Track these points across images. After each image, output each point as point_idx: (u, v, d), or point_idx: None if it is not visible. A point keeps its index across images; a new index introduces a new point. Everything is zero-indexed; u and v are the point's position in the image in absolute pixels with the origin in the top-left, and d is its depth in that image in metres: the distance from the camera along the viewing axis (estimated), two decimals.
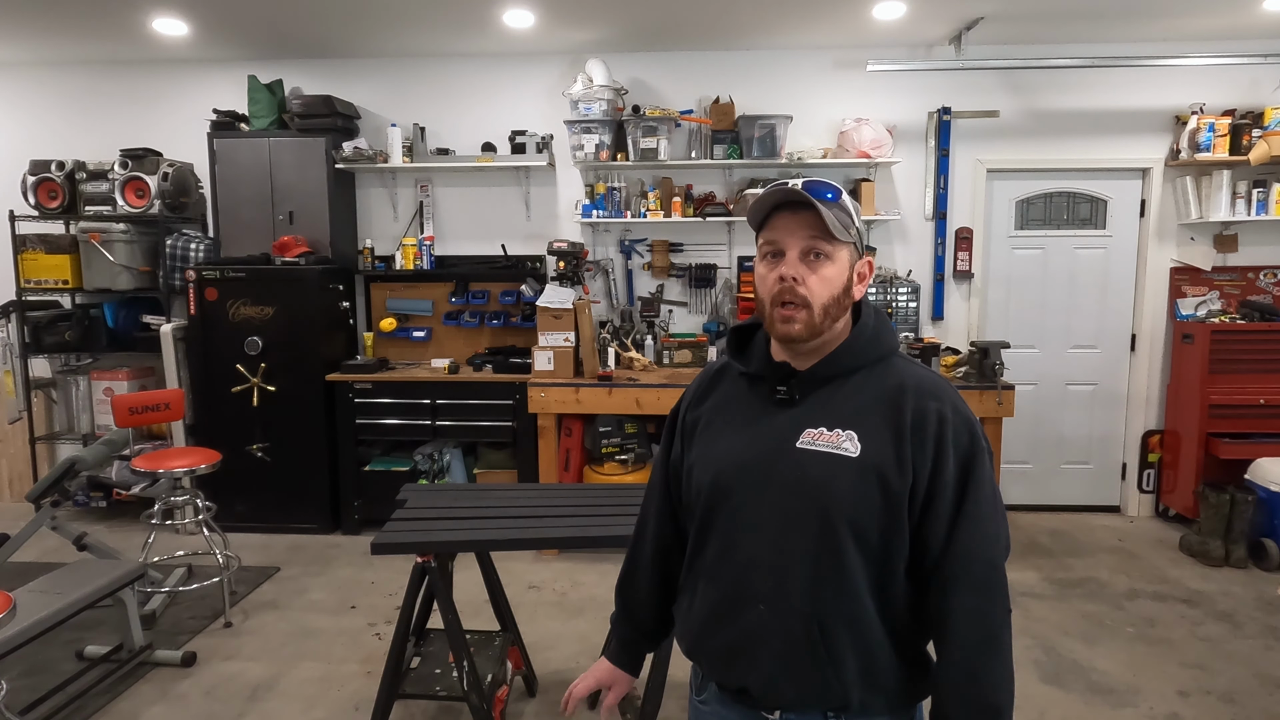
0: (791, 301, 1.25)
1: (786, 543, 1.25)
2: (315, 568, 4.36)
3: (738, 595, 1.29)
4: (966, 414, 1.27)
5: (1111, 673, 3.24)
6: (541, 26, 4.57)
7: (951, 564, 1.23)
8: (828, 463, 1.23)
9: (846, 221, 1.26)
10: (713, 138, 4.91)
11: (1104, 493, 5.30)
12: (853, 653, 1.23)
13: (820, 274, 1.25)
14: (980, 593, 1.22)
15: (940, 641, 1.25)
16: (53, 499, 3.55)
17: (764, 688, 1.28)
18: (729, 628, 1.30)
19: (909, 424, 1.23)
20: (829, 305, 1.26)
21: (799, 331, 1.26)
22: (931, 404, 1.24)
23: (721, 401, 1.39)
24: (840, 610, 1.23)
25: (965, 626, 1.22)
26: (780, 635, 1.25)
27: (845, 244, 1.27)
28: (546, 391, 4.48)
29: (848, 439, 1.24)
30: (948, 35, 4.72)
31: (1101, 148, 4.96)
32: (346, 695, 3.09)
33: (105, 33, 4.68)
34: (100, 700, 3.03)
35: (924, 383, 1.27)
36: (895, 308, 5.01)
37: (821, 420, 1.26)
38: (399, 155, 4.96)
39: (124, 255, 4.95)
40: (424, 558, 2.51)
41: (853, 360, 1.30)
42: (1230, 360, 4.65)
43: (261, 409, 4.74)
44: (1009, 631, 1.25)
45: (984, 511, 1.23)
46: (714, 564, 1.33)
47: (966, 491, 1.23)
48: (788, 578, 1.24)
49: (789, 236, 1.26)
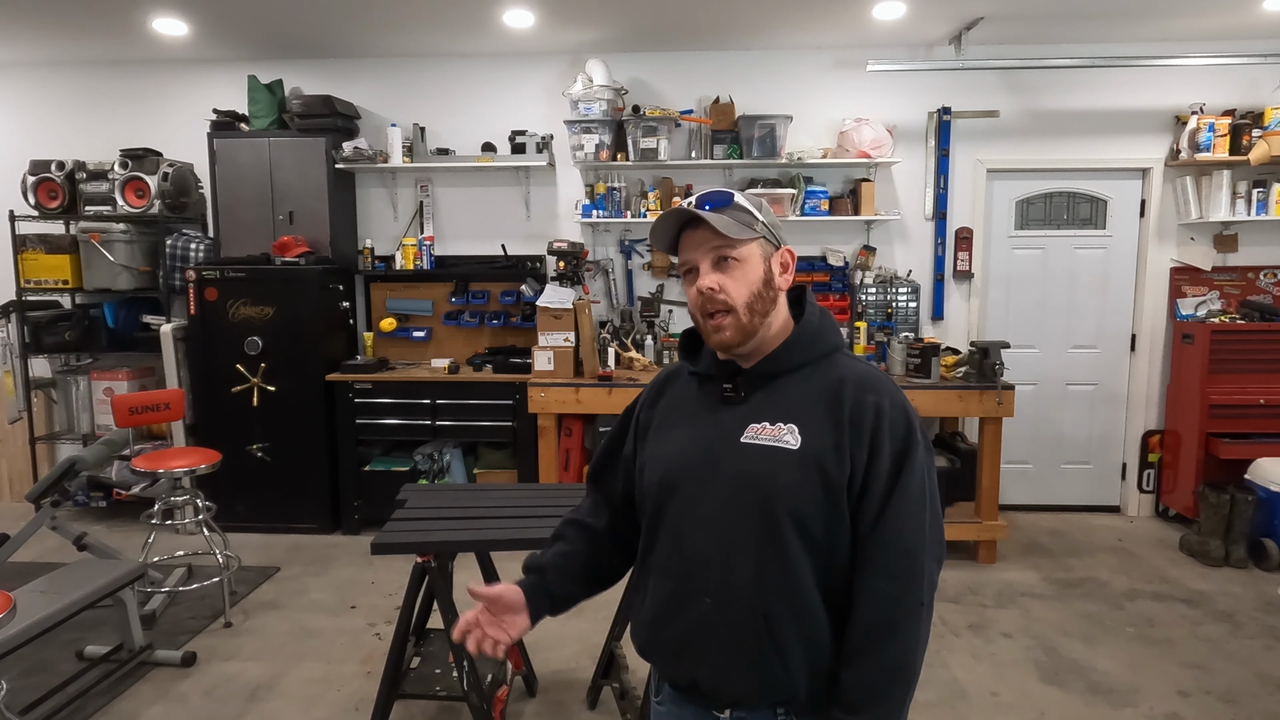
0: (718, 310, 1.29)
1: (731, 535, 1.27)
2: (315, 568, 4.36)
3: (685, 589, 1.31)
4: (905, 408, 1.29)
5: (1111, 673, 3.24)
6: (541, 26, 4.57)
7: (870, 549, 1.25)
8: (769, 456, 1.26)
9: (747, 220, 1.30)
10: (713, 138, 4.91)
11: (1104, 493, 5.30)
12: (799, 644, 1.25)
13: (734, 276, 1.29)
14: (890, 578, 1.24)
15: (850, 621, 1.26)
16: (53, 499, 3.54)
17: (713, 681, 1.29)
18: (678, 622, 1.31)
19: (847, 416, 1.26)
20: (752, 302, 1.29)
21: (730, 337, 1.29)
22: (870, 397, 1.27)
23: (673, 402, 1.43)
24: (785, 601, 1.25)
25: (872, 609, 1.23)
26: (727, 627, 1.27)
27: (751, 241, 1.30)
28: (546, 391, 4.48)
29: (789, 432, 1.27)
30: (948, 35, 4.72)
31: (1101, 148, 4.96)
32: (346, 695, 3.09)
33: (105, 33, 4.68)
34: (100, 700, 3.03)
35: (864, 377, 1.30)
36: (895, 308, 5.01)
37: (765, 415, 1.29)
38: (399, 155, 4.96)
39: (124, 255, 4.95)
40: (424, 558, 2.51)
41: (795, 357, 1.32)
42: (1230, 360, 4.65)
43: (261, 409, 4.74)
44: (917, 624, 1.24)
45: (910, 502, 1.25)
46: (663, 559, 1.35)
47: (897, 483, 1.25)
48: (733, 570, 1.26)
49: (695, 252, 1.31)
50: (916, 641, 1.25)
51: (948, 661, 3.33)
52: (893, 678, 1.24)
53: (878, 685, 1.23)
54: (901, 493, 1.24)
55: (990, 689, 3.12)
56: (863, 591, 1.25)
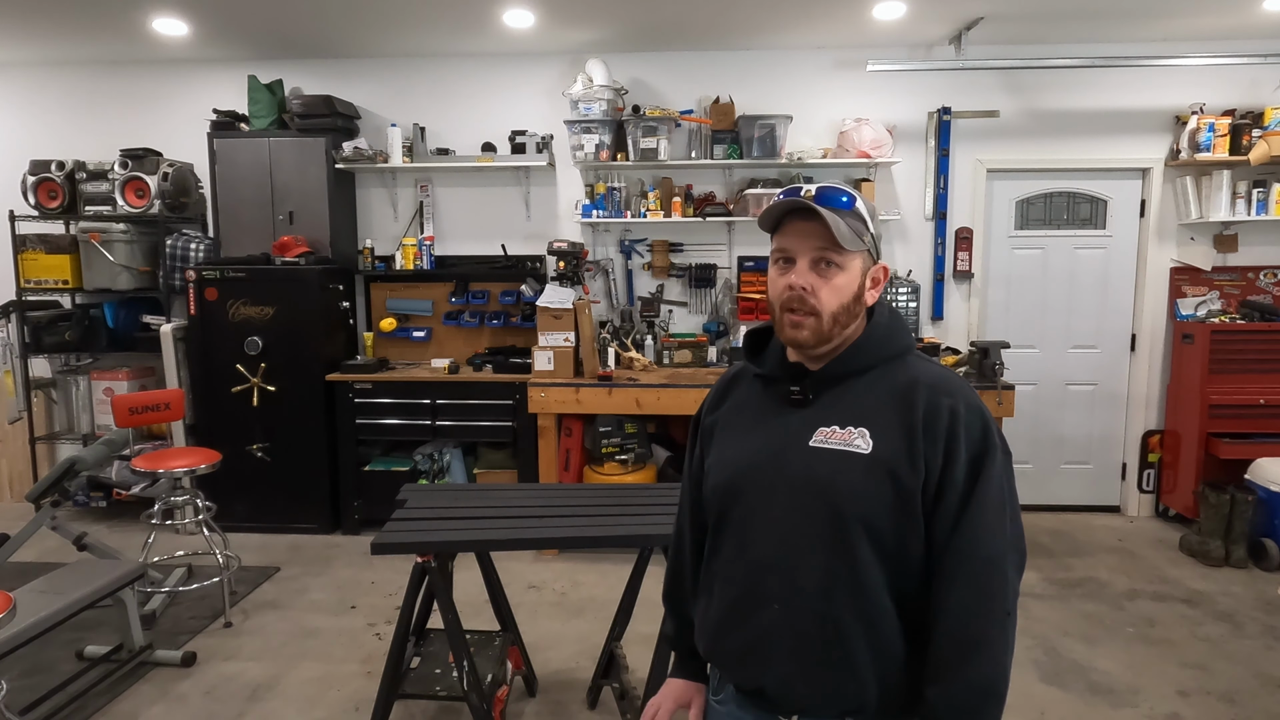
0: (800, 309, 1.25)
1: (798, 541, 1.24)
2: (315, 568, 4.36)
3: (752, 595, 1.28)
4: (981, 411, 1.25)
5: (1111, 673, 3.24)
6: (541, 26, 4.57)
7: (951, 559, 1.21)
8: (839, 460, 1.23)
9: (860, 229, 1.26)
10: (713, 138, 4.91)
11: (1104, 493, 5.30)
12: (869, 653, 1.22)
13: (831, 283, 1.25)
14: (975, 590, 1.20)
15: (932, 634, 1.22)
16: (53, 499, 3.54)
17: (779, 688, 1.26)
18: (744, 628, 1.29)
19: (921, 420, 1.22)
20: (839, 314, 1.26)
21: (806, 338, 1.26)
22: (944, 400, 1.23)
23: (737, 404, 1.39)
24: (854, 609, 1.21)
25: (957, 623, 1.20)
26: (794, 635, 1.24)
27: (859, 252, 1.26)
28: (546, 391, 4.48)
29: (859, 436, 1.23)
30: (948, 35, 4.72)
31: (1101, 148, 4.96)
32: (346, 695, 3.09)
33: (105, 33, 4.68)
34: (100, 700, 3.03)
35: (938, 379, 1.26)
36: (895, 308, 5.00)
37: (834, 419, 1.26)
38: (399, 155, 4.96)
39: (124, 255, 4.95)
40: (424, 558, 2.51)
41: (865, 359, 1.29)
42: (1230, 360, 4.65)
43: (261, 409, 4.74)
44: (1005, 633, 1.21)
45: (990, 509, 1.21)
46: (729, 565, 1.32)
47: (975, 489, 1.21)
48: (800, 577, 1.23)
49: (799, 245, 1.26)
50: (1005, 654, 1.21)
51: None
52: (984, 695, 1.19)
53: (969, 704, 1.19)
54: (980, 499, 1.20)
55: None
56: (944, 604, 1.21)
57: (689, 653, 1.49)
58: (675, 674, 1.52)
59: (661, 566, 2.76)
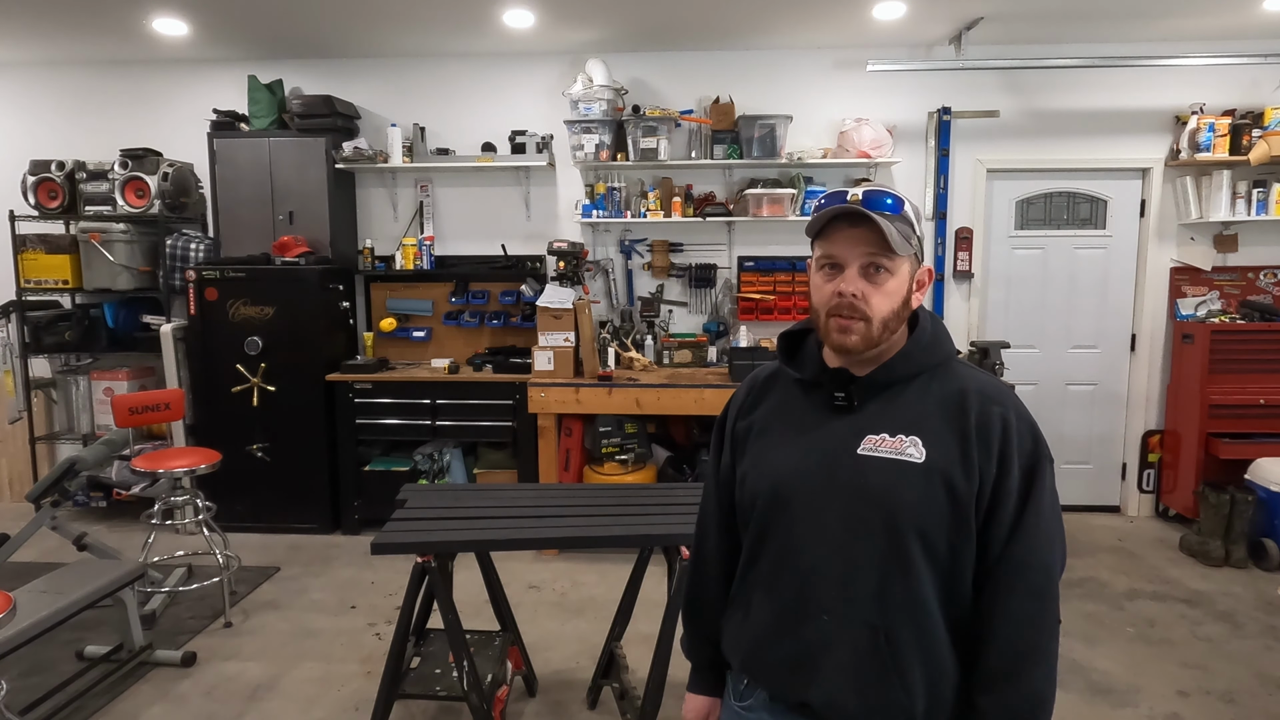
0: (850, 315, 1.23)
1: (851, 552, 1.22)
2: (315, 568, 4.36)
3: (800, 606, 1.25)
4: (1030, 420, 1.25)
5: (1111, 673, 3.24)
6: (541, 26, 4.57)
7: (1007, 568, 1.20)
8: (892, 469, 1.21)
9: (908, 233, 1.24)
10: (713, 138, 4.90)
11: (1104, 493, 5.30)
12: (920, 664, 1.20)
13: (882, 289, 1.23)
14: (1033, 599, 1.20)
15: (985, 644, 1.21)
16: (53, 499, 3.54)
17: (827, 701, 1.24)
18: (790, 640, 1.26)
19: (974, 428, 1.21)
20: (889, 319, 1.24)
21: (855, 344, 1.23)
22: (996, 409, 1.22)
23: (774, 408, 1.35)
24: (908, 620, 1.20)
25: (1014, 631, 1.19)
26: (846, 647, 1.22)
27: (906, 257, 1.25)
28: (546, 391, 4.48)
29: (911, 444, 1.21)
30: (948, 35, 4.72)
31: (1101, 148, 4.96)
32: (346, 695, 3.09)
33: (105, 33, 4.68)
34: (100, 700, 3.03)
35: (987, 387, 1.25)
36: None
37: (883, 426, 1.24)
38: (399, 155, 4.96)
39: (124, 255, 4.95)
40: (424, 558, 2.51)
41: (913, 366, 1.27)
42: (1230, 360, 4.65)
43: (261, 409, 4.74)
44: (1056, 642, 1.22)
45: (1045, 518, 1.21)
46: (772, 574, 1.29)
47: (1029, 498, 1.20)
48: (853, 588, 1.21)
49: (848, 251, 1.23)
50: (1056, 662, 1.21)
51: None
52: (1039, 703, 1.20)
53: (1023, 713, 1.19)
54: (1035, 509, 1.20)
55: None
56: (1000, 612, 1.20)
57: (708, 665, 1.47)
58: (694, 689, 1.49)
59: (662, 567, 2.78)
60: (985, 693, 1.20)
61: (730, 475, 1.39)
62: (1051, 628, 1.21)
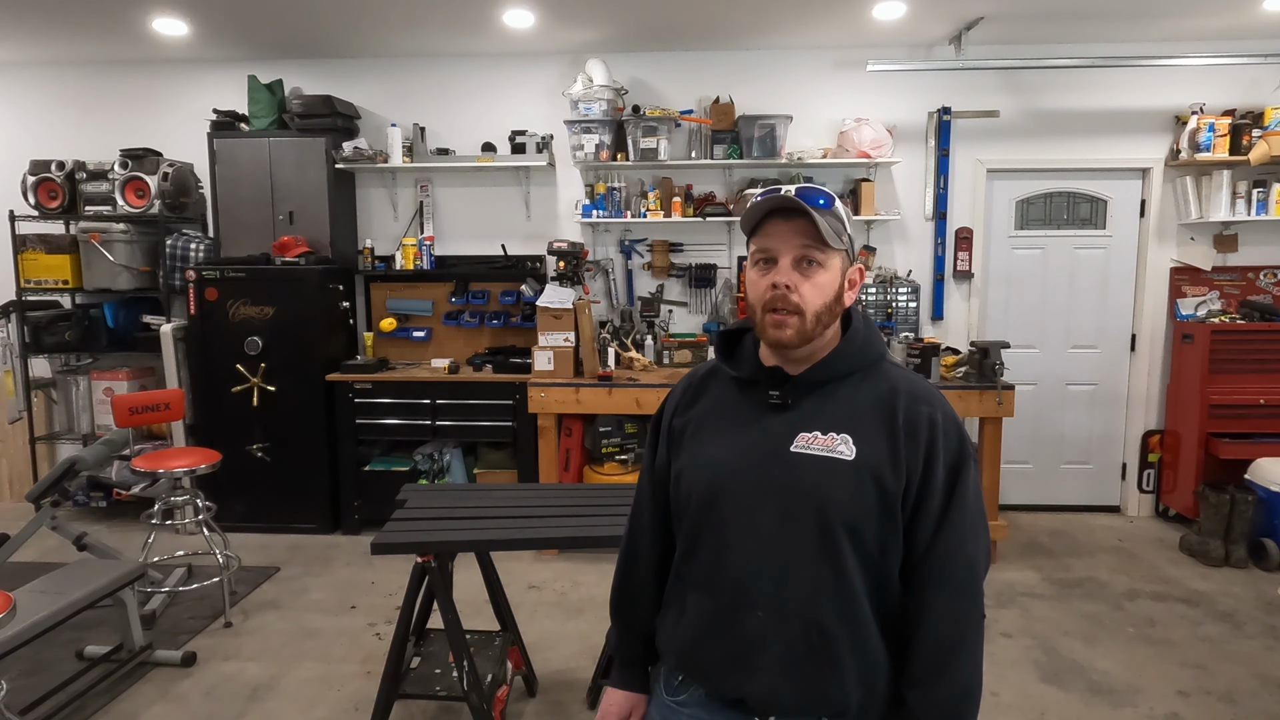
0: (784, 309, 1.25)
1: (784, 548, 1.24)
2: (315, 568, 4.36)
3: (735, 603, 1.27)
4: (956, 420, 1.29)
5: (1111, 673, 3.24)
6: (541, 26, 4.57)
7: (932, 564, 1.24)
8: (823, 466, 1.23)
9: (839, 229, 1.27)
10: (713, 138, 4.91)
11: (1104, 493, 5.30)
12: (853, 657, 1.23)
13: (814, 281, 1.25)
14: (957, 594, 1.23)
15: (912, 639, 1.24)
16: (53, 499, 3.54)
17: (763, 697, 1.26)
18: (726, 637, 1.28)
19: (902, 427, 1.24)
20: (821, 313, 1.26)
21: (790, 337, 1.26)
22: (924, 409, 1.26)
23: (711, 406, 1.37)
24: (840, 615, 1.23)
25: (940, 627, 1.23)
26: (780, 642, 1.24)
27: (838, 251, 1.27)
28: (546, 391, 4.48)
29: (843, 442, 1.24)
30: (948, 35, 4.72)
31: (1101, 148, 4.96)
32: (346, 695, 3.09)
33: (105, 33, 4.68)
34: (100, 700, 3.03)
35: (916, 388, 1.29)
36: (895, 308, 5.01)
37: (816, 424, 1.27)
38: (399, 155, 4.96)
39: (124, 255, 4.95)
40: (424, 558, 2.51)
41: (846, 365, 1.30)
42: (1230, 360, 4.65)
43: (261, 409, 4.74)
44: (980, 636, 1.26)
45: (968, 516, 1.25)
46: (707, 572, 1.31)
47: (953, 495, 1.24)
48: (787, 584, 1.24)
49: (782, 244, 1.26)
50: (980, 656, 1.25)
51: None
52: (965, 696, 1.23)
53: (951, 706, 1.22)
54: (959, 506, 1.24)
55: (990, 689, 3.12)
56: (927, 608, 1.23)
57: (636, 661, 1.48)
58: (616, 684, 1.48)
59: None
60: (913, 687, 1.23)
61: (665, 472, 1.40)
62: (976, 622, 1.25)
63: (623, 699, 1.47)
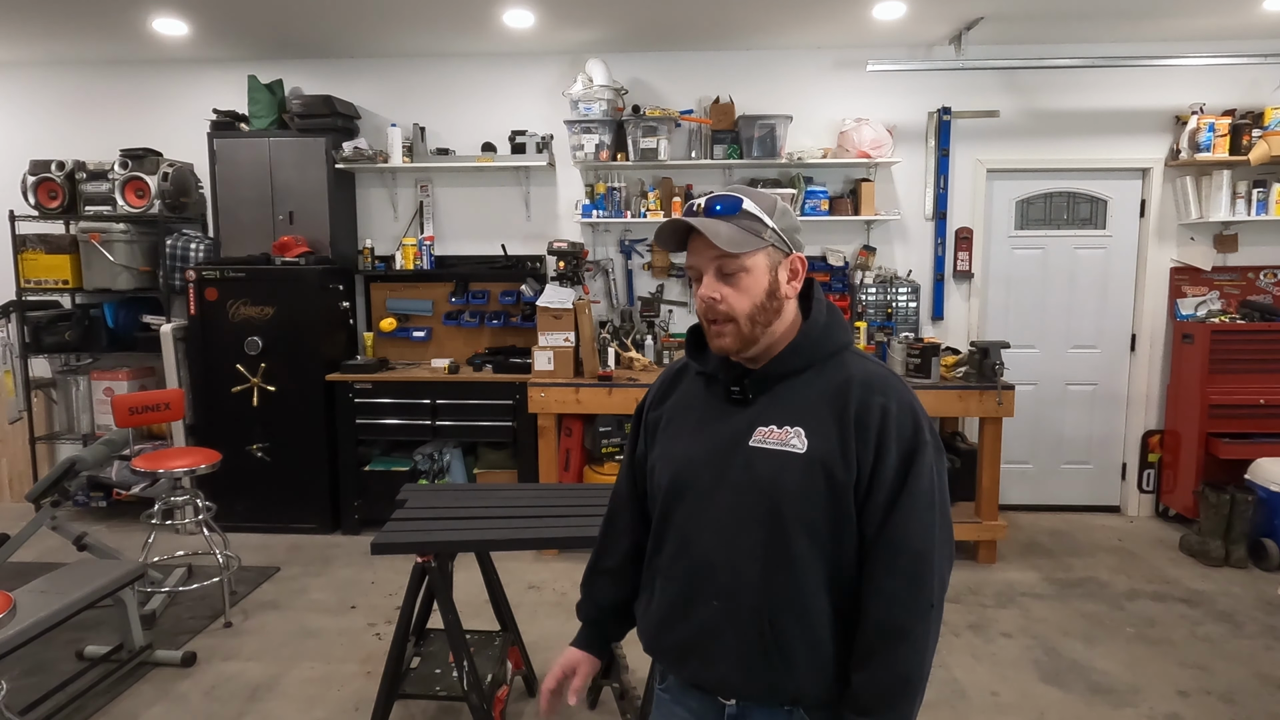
0: (719, 318, 1.28)
1: (738, 540, 1.27)
2: (315, 568, 4.36)
3: (692, 593, 1.31)
4: (913, 408, 1.28)
5: (1111, 673, 3.24)
6: (541, 26, 4.57)
7: (880, 550, 1.24)
8: (776, 459, 1.26)
9: (755, 227, 1.26)
10: (713, 138, 4.91)
11: (1104, 493, 5.30)
12: (805, 648, 1.25)
13: (738, 288, 1.27)
14: (903, 580, 1.23)
15: (860, 623, 1.26)
16: (53, 499, 3.54)
17: (718, 683, 1.31)
18: (684, 625, 1.32)
19: (853, 418, 1.25)
20: (754, 314, 1.27)
21: (729, 344, 1.29)
22: (876, 398, 1.26)
23: (681, 401, 1.42)
24: (791, 606, 1.25)
25: (883, 611, 1.23)
26: (733, 631, 1.27)
27: (760, 250, 1.27)
28: (546, 391, 4.48)
29: (795, 435, 1.26)
30: (948, 35, 4.72)
31: (1101, 148, 4.96)
32: (346, 695, 3.09)
33: (105, 33, 4.68)
34: (100, 700, 3.03)
35: (871, 377, 1.29)
36: (895, 308, 5.01)
37: (773, 418, 1.29)
38: (399, 155, 4.96)
39: (124, 255, 4.95)
40: (424, 558, 2.51)
41: (802, 358, 1.31)
42: (1230, 360, 4.65)
43: (261, 409, 4.74)
44: (929, 625, 1.24)
45: (919, 503, 1.24)
46: (670, 562, 1.35)
47: (905, 483, 1.24)
48: (740, 575, 1.27)
49: (699, 259, 1.29)
50: (926, 644, 1.24)
51: (948, 661, 3.33)
52: (905, 682, 1.24)
53: (890, 690, 1.23)
54: (910, 494, 1.24)
55: (990, 689, 3.12)
56: (873, 594, 1.24)
57: (591, 623, 1.55)
58: (575, 643, 1.55)
59: None
60: (857, 670, 1.25)
61: (644, 463, 1.45)
62: (922, 611, 1.23)
63: (574, 655, 1.53)
